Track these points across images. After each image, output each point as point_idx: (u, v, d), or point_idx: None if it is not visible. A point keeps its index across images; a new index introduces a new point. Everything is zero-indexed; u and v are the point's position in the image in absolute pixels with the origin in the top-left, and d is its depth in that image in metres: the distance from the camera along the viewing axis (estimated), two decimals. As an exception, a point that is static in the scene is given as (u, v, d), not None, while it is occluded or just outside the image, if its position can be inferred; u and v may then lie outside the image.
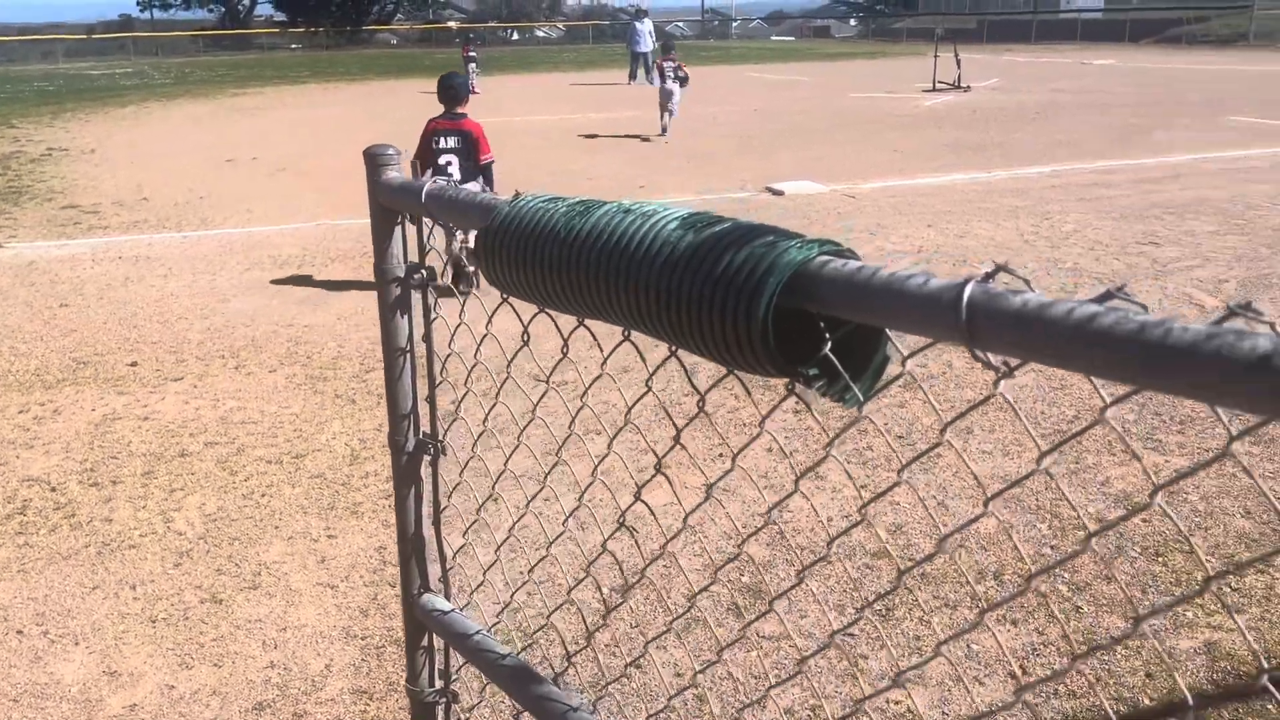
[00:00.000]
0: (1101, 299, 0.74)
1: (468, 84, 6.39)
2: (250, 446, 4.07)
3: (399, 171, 1.56)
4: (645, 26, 24.87)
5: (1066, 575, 2.91)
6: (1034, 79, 23.55)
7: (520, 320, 1.35)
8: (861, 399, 0.97)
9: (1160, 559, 2.95)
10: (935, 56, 20.91)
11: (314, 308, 5.97)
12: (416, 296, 1.61)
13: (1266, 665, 2.55)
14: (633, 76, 24.98)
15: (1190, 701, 2.01)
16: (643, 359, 1.24)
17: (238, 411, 4.43)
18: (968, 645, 2.65)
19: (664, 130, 14.04)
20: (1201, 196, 8.21)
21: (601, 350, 1.28)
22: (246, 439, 4.14)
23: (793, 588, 1.21)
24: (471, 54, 23.08)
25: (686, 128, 15.29)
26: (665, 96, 14.09)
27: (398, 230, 1.59)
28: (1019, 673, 2.56)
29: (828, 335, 0.95)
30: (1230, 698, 2.44)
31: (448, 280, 7.09)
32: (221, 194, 9.91)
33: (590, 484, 1.36)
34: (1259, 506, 3.17)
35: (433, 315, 1.59)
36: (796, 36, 67.28)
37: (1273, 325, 0.64)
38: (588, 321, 1.22)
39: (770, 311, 0.90)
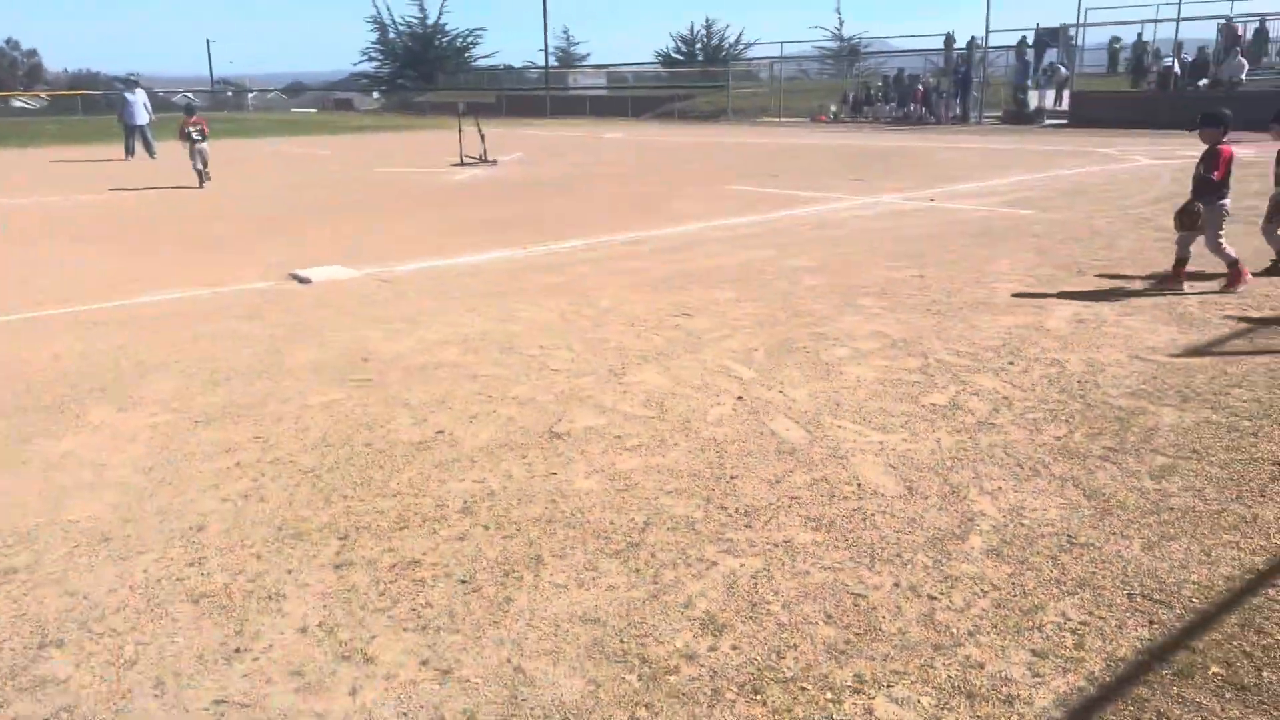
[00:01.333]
0: None
1: None
2: None
3: None
4: (139, 98, 22.48)
5: (666, 738, 2.50)
6: (554, 152, 24.75)
7: None
8: None
9: (758, 697, 2.64)
10: (460, 131, 21.11)
11: None
12: None
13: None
14: (129, 151, 22.41)
15: None
16: None
17: None
18: None
19: (203, 181, 16.03)
20: (719, 264, 8.72)
21: None
22: None
23: None
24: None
25: (197, 210, 13.78)
26: (193, 155, 16.15)
27: None
28: None
29: None
30: None
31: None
32: None
33: None
34: (839, 609, 3.02)
35: None
36: (318, 109, 65.73)
37: None
38: None
39: None
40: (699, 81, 53.62)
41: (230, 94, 75.85)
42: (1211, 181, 7.08)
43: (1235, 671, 2.64)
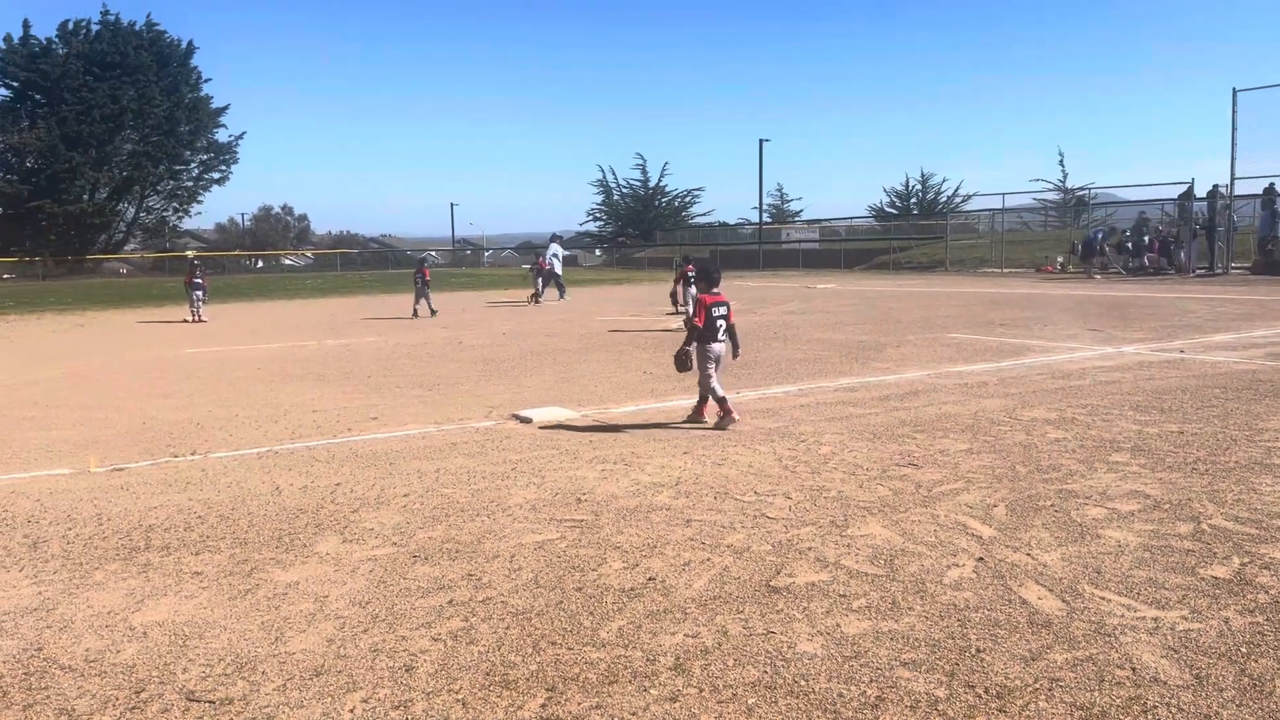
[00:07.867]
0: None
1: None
2: None
3: None
4: (554, 249, 27.93)
5: None
6: (766, 301, 24.87)
7: None
8: None
9: None
10: (674, 282, 21.61)
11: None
12: None
13: None
14: (538, 296, 26.89)
15: None
16: None
17: None
18: None
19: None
20: (945, 413, 8.21)
21: None
22: None
23: None
24: (198, 280, 21.70)
25: (422, 353, 14.57)
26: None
27: None
28: None
29: None
30: None
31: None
32: None
33: None
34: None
35: None
36: (546, 264, 69.65)
37: None
38: None
39: None
40: (913, 234, 53.21)
41: (469, 252, 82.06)
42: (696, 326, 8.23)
43: None
